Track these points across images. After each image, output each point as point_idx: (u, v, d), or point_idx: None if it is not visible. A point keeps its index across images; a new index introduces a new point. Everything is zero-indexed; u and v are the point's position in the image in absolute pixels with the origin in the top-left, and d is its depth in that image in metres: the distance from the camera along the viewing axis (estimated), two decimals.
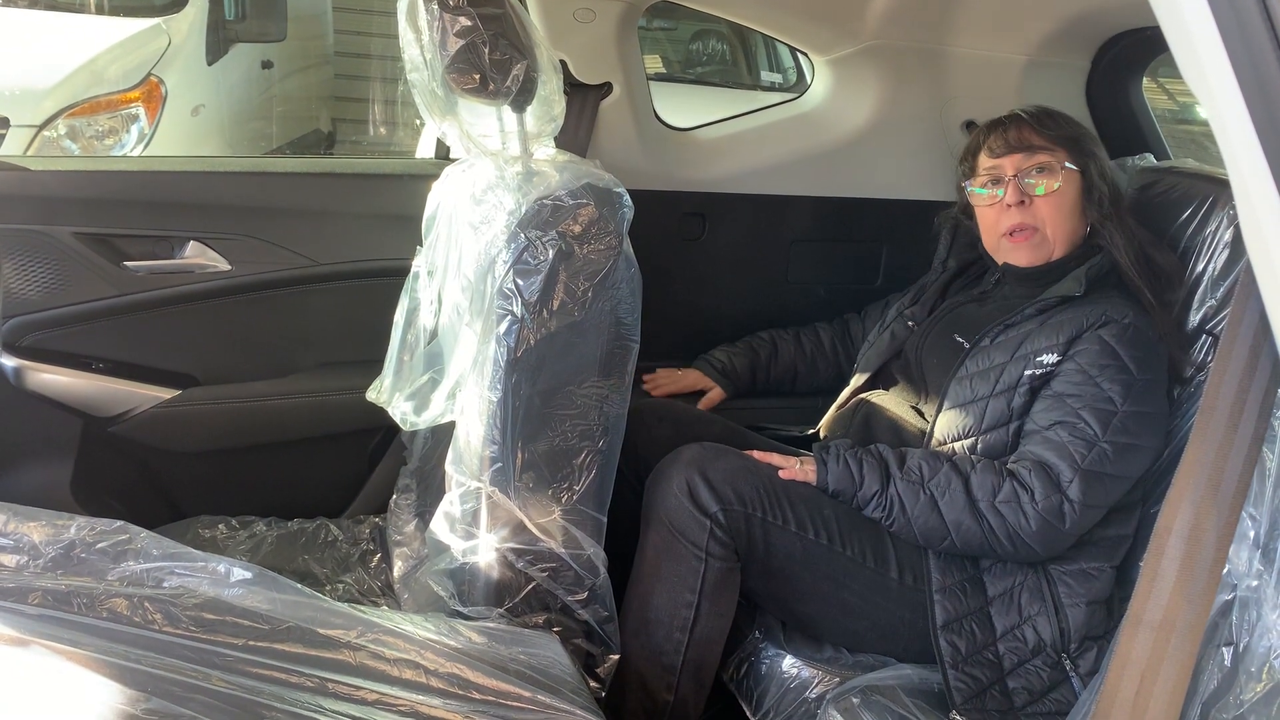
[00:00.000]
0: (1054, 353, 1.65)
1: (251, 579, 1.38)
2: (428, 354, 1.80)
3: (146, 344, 2.00)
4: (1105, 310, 1.66)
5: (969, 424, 1.68)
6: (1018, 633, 1.62)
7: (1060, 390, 1.63)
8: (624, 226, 1.53)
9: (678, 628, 1.63)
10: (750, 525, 1.61)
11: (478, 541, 1.56)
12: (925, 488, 1.61)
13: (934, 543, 1.63)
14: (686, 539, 1.60)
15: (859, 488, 1.65)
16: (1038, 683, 1.60)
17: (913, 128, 2.27)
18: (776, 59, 5.60)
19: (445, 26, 1.49)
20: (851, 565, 1.65)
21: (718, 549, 1.60)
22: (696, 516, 1.59)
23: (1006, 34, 2.13)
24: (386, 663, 1.31)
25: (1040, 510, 1.56)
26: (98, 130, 4.20)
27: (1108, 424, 1.58)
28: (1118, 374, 1.61)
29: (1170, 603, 0.68)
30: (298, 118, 6.13)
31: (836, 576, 1.65)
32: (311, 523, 2.07)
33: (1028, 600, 1.63)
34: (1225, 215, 1.80)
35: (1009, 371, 1.67)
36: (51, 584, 1.27)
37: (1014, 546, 1.59)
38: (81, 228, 1.92)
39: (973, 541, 1.60)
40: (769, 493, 1.63)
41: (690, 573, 1.61)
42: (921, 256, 2.30)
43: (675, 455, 1.67)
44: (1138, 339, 1.64)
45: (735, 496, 1.60)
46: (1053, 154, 1.78)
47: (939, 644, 1.60)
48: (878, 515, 1.65)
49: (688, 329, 2.22)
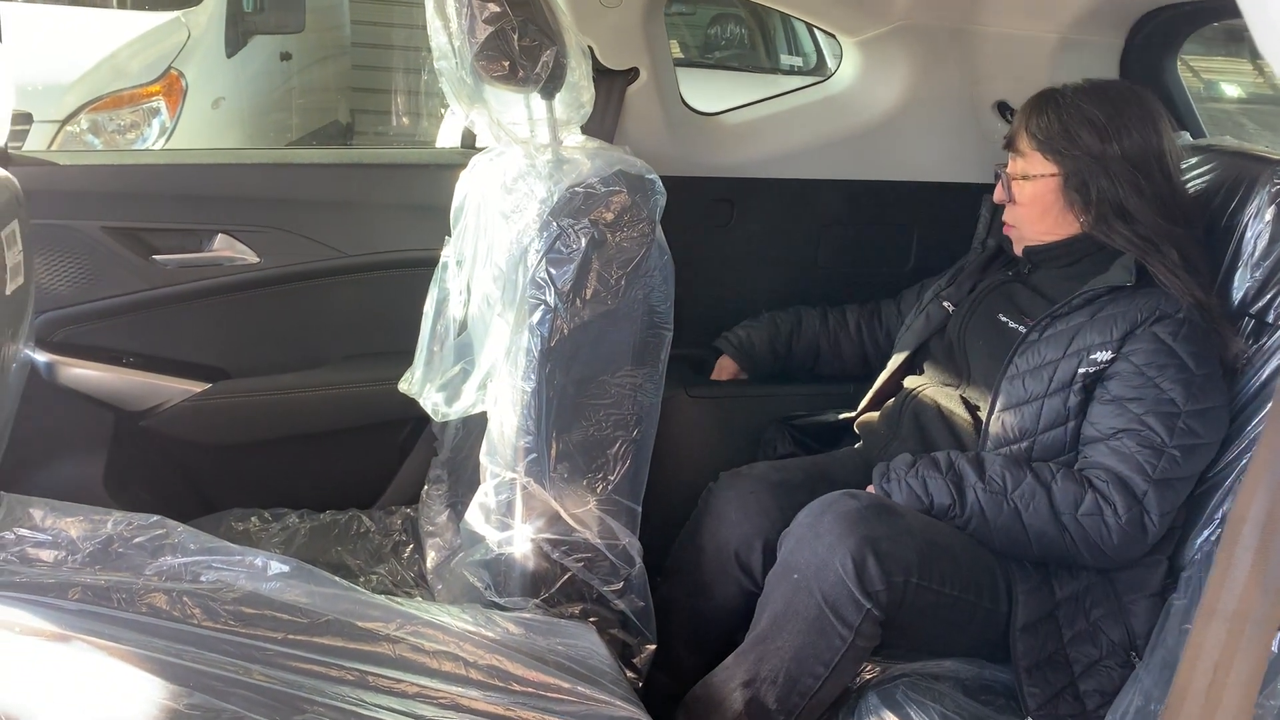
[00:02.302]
0: (1108, 349, 1.61)
1: (289, 572, 1.38)
2: (458, 345, 1.79)
3: (176, 337, 2.00)
4: (1158, 304, 1.62)
5: (1025, 425, 1.65)
6: (1087, 635, 1.60)
7: (1120, 394, 1.59)
8: (657, 213, 1.52)
9: (798, 693, 1.53)
10: (906, 593, 1.49)
11: (513, 532, 1.56)
12: (1009, 499, 1.58)
13: (1012, 550, 1.60)
14: (838, 618, 1.48)
15: (929, 507, 1.60)
16: (1109, 684, 1.57)
17: (943, 109, 2.24)
18: (796, 42, 5.55)
19: (474, 13, 1.48)
20: (984, 614, 1.59)
21: (869, 629, 1.49)
22: (858, 599, 1.46)
23: (1038, 11, 2.10)
24: (426, 655, 1.31)
25: (1124, 524, 1.53)
26: (120, 124, 4.21)
27: (1173, 428, 1.55)
28: (1178, 374, 1.57)
29: (1245, 592, 0.67)
30: (317, 109, 6.14)
31: (959, 623, 1.60)
32: (344, 514, 2.06)
33: (1094, 602, 1.61)
34: (1266, 193, 1.76)
35: (1062, 369, 1.64)
36: (91, 579, 1.28)
37: (1092, 556, 1.57)
38: (110, 222, 1.93)
39: (1052, 551, 1.58)
40: (927, 557, 1.52)
41: (829, 649, 1.50)
42: (954, 239, 2.28)
43: (832, 512, 1.53)
44: (1193, 333, 1.60)
45: (899, 569, 1.48)
46: (1027, 160, 1.76)
47: (1016, 646, 1.57)
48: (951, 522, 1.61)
49: (717, 316, 2.20)
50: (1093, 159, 1.70)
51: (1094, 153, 1.70)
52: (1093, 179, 1.71)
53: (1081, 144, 1.71)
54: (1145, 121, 1.72)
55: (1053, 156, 1.73)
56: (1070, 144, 1.72)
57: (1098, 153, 1.70)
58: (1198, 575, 1.53)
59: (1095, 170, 1.70)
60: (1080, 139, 1.71)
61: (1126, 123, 1.71)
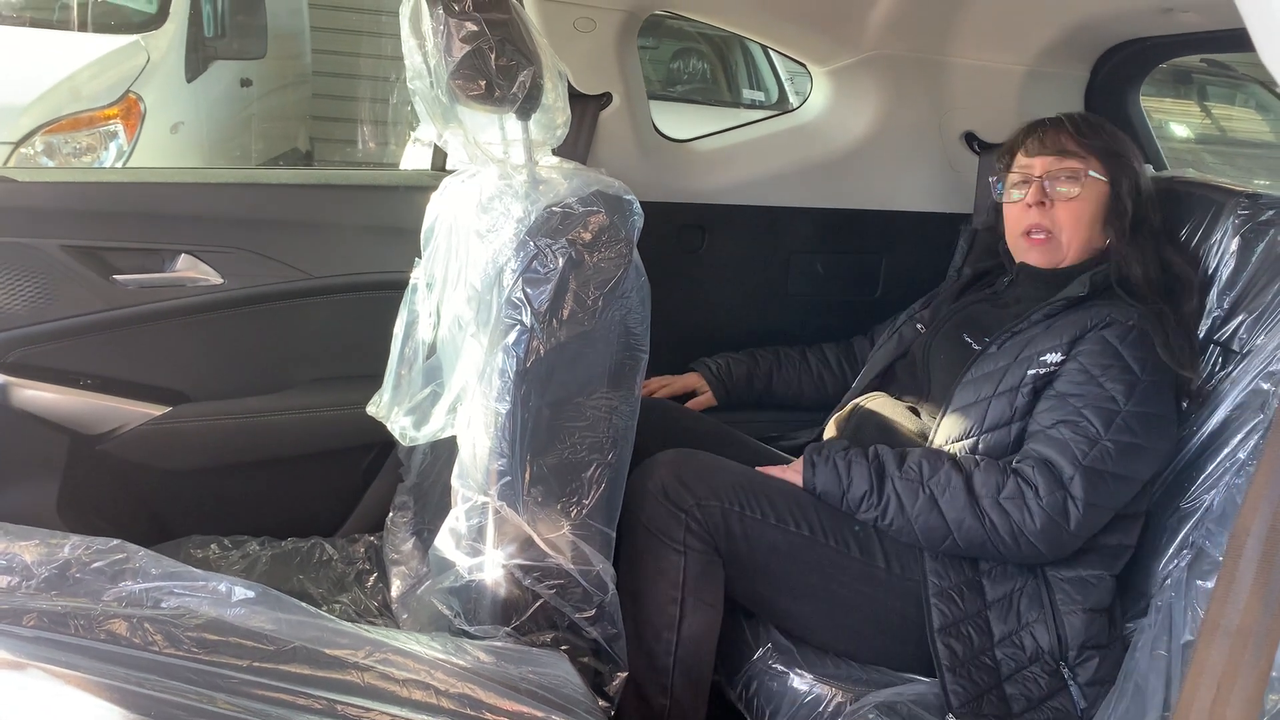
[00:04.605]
0: (1057, 352, 1.64)
1: (254, 598, 1.34)
2: (427, 368, 1.76)
3: (136, 359, 1.95)
4: (1109, 312, 1.66)
5: (970, 425, 1.67)
6: (1015, 639, 1.60)
7: (1063, 390, 1.62)
8: (634, 235, 1.51)
9: (665, 626, 1.61)
10: (728, 520, 1.61)
11: (484, 558, 1.52)
12: (925, 486, 1.59)
13: (935, 543, 1.61)
14: (665, 536, 1.61)
15: (846, 489, 1.64)
16: (1036, 690, 1.58)
17: (912, 138, 2.26)
18: (758, 77, 5.62)
19: (451, 32, 1.46)
20: (836, 556, 1.64)
21: (696, 542, 1.60)
22: (673, 512, 1.60)
23: (1007, 44, 2.13)
24: (395, 683, 1.27)
25: (1045, 507, 1.54)
26: (75, 147, 4.15)
27: (1110, 422, 1.57)
28: (1121, 374, 1.60)
29: (1247, 607, 0.66)
30: (276, 136, 6.09)
31: (823, 568, 1.64)
32: (306, 542, 2.01)
33: (1026, 606, 1.62)
34: (1230, 224, 1.80)
35: (1012, 372, 1.67)
36: (47, 605, 1.23)
37: (1017, 545, 1.56)
38: (70, 240, 1.88)
39: (975, 540, 1.58)
40: (745, 488, 1.64)
41: (672, 568, 1.61)
42: (922, 267, 2.30)
43: (652, 460, 1.67)
44: (1141, 340, 1.63)
45: (710, 491, 1.62)
46: (1084, 161, 1.78)
47: (936, 648, 1.58)
48: (871, 516, 1.63)
49: (687, 342, 2.20)
50: (1133, 176, 1.77)
51: (1134, 170, 1.78)
52: (1131, 194, 1.77)
53: (1126, 158, 1.78)
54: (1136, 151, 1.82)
55: (1109, 162, 1.77)
56: (1121, 154, 1.78)
57: (1136, 171, 1.78)
58: (1168, 601, 1.54)
59: (1134, 187, 1.77)
60: (1125, 153, 1.79)
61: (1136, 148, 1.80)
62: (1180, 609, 1.49)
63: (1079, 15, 2.02)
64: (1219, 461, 1.64)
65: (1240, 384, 1.66)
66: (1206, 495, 1.64)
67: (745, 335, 2.23)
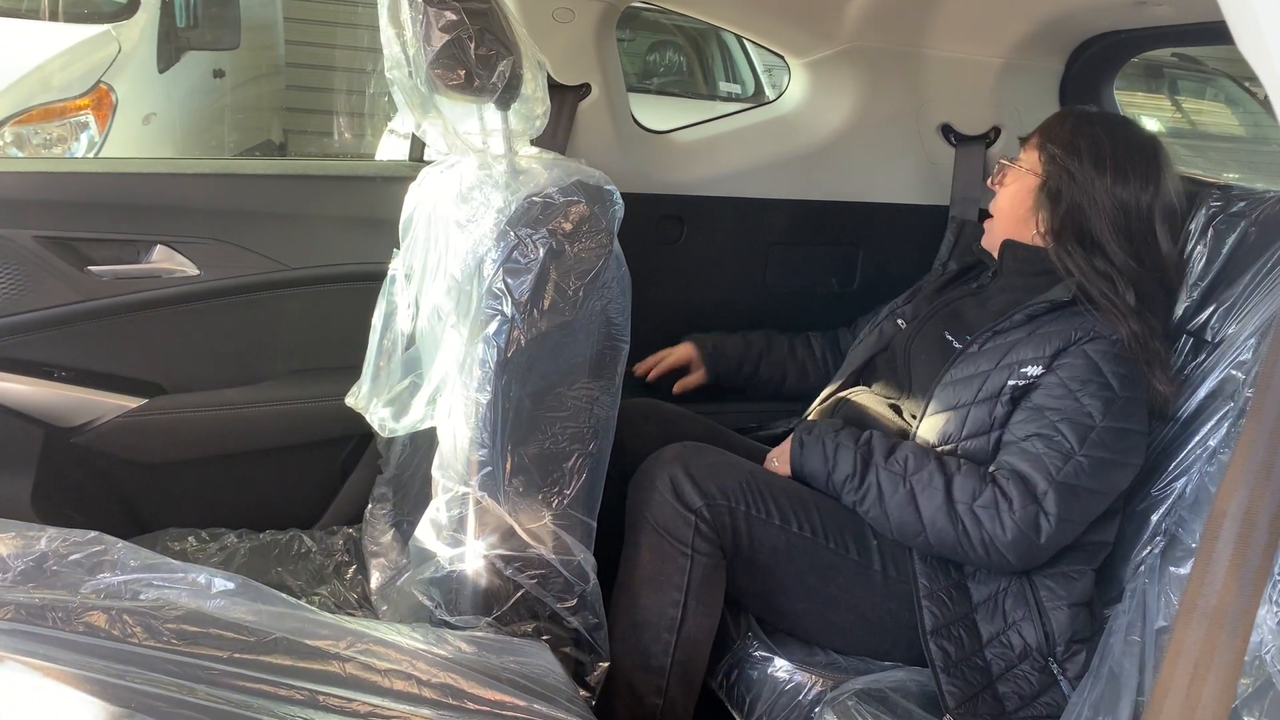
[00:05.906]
0: (1038, 365, 1.63)
1: (234, 589, 1.33)
2: (406, 359, 1.76)
3: (111, 351, 1.93)
4: (1094, 325, 1.63)
5: (949, 431, 1.67)
6: (1003, 638, 1.62)
7: (1040, 403, 1.61)
8: (615, 225, 1.51)
9: (665, 628, 1.61)
10: (735, 519, 1.61)
11: (465, 549, 1.52)
12: (907, 480, 1.60)
13: (908, 537, 1.62)
14: (673, 537, 1.60)
15: (831, 470, 1.66)
16: (1027, 687, 1.59)
17: (889, 131, 2.27)
18: (734, 70, 5.62)
19: (430, 21, 1.45)
20: (835, 558, 1.65)
21: (704, 545, 1.60)
22: (681, 513, 1.59)
23: (983, 36, 2.14)
24: (377, 674, 1.27)
25: (1017, 520, 1.54)
26: (46, 138, 4.10)
27: (1085, 438, 1.57)
28: (1100, 390, 1.59)
29: (1224, 587, 0.67)
30: (250, 128, 6.05)
31: (821, 569, 1.65)
32: (284, 534, 2.01)
33: (1011, 605, 1.63)
34: (1203, 214, 1.82)
35: (993, 379, 1.66)
36: (24, 597, 1.22)
37: (986, 554, 1.57)
38: (43, 231, 1.85)
39: (946, 543, 1.59)
40: (752, 487, 1.64)
41: (677, 571, 1.60)
42: (900, 259, 2.31)
43: (658, 455, 1.67)
44: (1123, 356, 1.62)
45: (719, 491, 1.61)
46: (1026, 153, 1.81)
47: (929, 649, 1.59)
48: (851, 500, 1.65)
49: (666, 332, 2.20)
50: (1079, 180, 1.72)
51: (1084, 175, 1.72)
52: (1068, 197, 1.73)
53: (1077, 161, 1.73)
54: (1149, 176, 1.73)
55: (1045, 159, 1.77)
56: (1067, 156, 1.74)
57: (1087, 177, 1.72)
58: (1142, 587, 1.55)
59: (1076, 191, 1.73)
60: (1078, 156, 1.74)
61: (1130, 167, 1.73)
62: (1154, 595, 1.50)
63: (1054, 8, 2.03)
64: (1190, 449, 1.66)
65: (1212, 373, 1.68)
66: (1178, 482, 1.66)
67: (724, 326, 2.23)
